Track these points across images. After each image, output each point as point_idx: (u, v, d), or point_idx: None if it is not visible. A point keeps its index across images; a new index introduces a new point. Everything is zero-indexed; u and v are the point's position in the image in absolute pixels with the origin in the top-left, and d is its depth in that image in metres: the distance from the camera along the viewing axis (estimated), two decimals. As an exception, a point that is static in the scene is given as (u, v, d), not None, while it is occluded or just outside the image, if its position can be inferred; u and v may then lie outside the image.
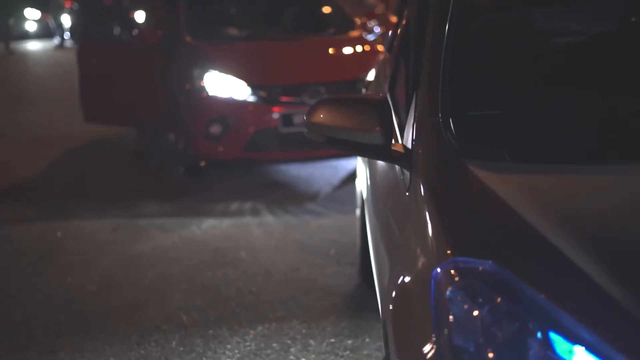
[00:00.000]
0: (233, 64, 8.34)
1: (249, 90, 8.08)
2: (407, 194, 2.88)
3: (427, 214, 2.56)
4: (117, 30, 10.22)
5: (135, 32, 9.65)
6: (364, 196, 4.84)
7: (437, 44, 3.21)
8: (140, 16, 10.20)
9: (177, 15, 9.18)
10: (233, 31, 9.26)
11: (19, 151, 10.25)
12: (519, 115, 3.05)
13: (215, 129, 8.10)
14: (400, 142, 3.22)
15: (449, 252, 2.31)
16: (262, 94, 8.09)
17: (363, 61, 8.62)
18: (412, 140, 2.99)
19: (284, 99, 8.10)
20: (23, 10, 26.33)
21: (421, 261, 2.48)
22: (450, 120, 2.88)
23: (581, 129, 2.91)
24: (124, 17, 10.43)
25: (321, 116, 3.16)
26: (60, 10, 26.42)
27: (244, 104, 8.09)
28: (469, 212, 2.46)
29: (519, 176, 2.62)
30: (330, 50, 8.94)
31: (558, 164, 2.70)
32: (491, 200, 2.47)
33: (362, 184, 5.08)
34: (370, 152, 3.09)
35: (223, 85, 8.14)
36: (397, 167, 3.17)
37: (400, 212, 2.95)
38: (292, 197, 7.75)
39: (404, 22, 4.68)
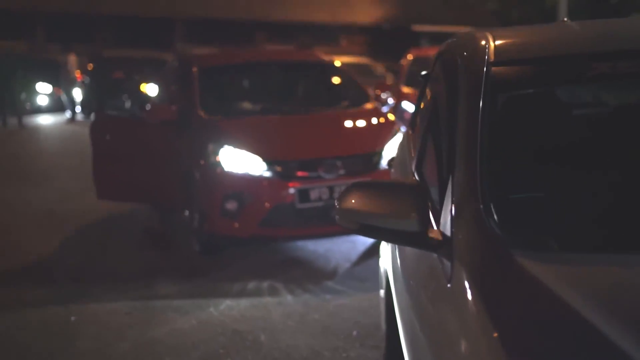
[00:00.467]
0: (248, 138, 8.24)
1: (264, 165, 7.96)
2: (448, 285, 2.71)
3: (475, 311, 2.40)
4: (129, 104, 10.17)
5: (148, 107, 9.57)
6: (391, 278, 4.65)
7: (471, 124, 3.07)
8: (152, 90, 10.15)
9: (191, 89, 9.12)
10: (247, 105, 9.19)
11: (31, 228, 10.11)
12: (563, 197, 2.90)
13: (231, 205, 7.97)
14: (436, 227, 3.06)
15: (501, 355, 2.14)
16: (278, 169, 7.98)
17: (380, 134, 8.52)
18: (451, 227, 2.84)
19: (300, 173, 7.98)
20: (35, 84, 26.47)
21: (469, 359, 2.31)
22: (492, 205, 2.73)
23: (634, 212, 2.75)
24: (136, 92, 10.39)
25: (353, 202, 3.01)
26: (71, 84, 26.56)
27: (259, 179, 7.97)
28: (520, 311, 2.29)
29: (570, 268, 2.45)
30: (346, 124, 8.84)
31: (612, 252, 2.53)
32: (543, 297, 2.30)
33: (387, 264, 4.90)
34: (406, 240, 2.94)
35: (238, 160, 8.03)
36: (434, 254, 3.01)
37: (442, 305, 2.78)
38: (310, 275, 7.57)
39: (428, 97, 4.56)
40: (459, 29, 13.57)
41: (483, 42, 3.45)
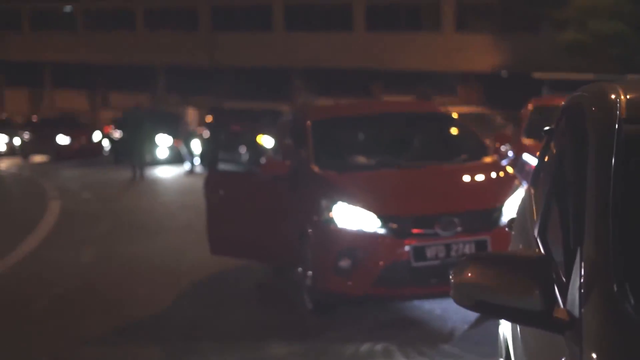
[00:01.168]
0: (362, 194, 8.02)
1: (378, 221, 7.72)
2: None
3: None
4: (246, 156, 10.11)
5: (262, 160, 9.47)
6: (510, 348, 4.32)
7: (602, 188, 2.76)
8: (269, 142, 10.05)
9: (304, 143, 8.96)
10: (361, 160, 8.97)
11: (145, 283, 10.09)
12: None
13: (344, 262, 7.74)
14: (562, 306, 2.74)
15: None
16: (393, 225, 7.72)
17: (499, 189, 8.18)
18: (580, 307, 2.52)
19: (416, 230, 7.70)
20: (155, 136, 26.95)
21: None
22: (627, 286, 2.41)
23: None
24: (253, 144, 10.34)
25: (469, 275, 2.73)
26: (190, 136, 26.93)
27: (373, 236, 7.72)
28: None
29: None
30: (463, 178, 8.54)
31: None
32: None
33: (507, 331, 4.56)
34: (528, 320, 2.65)
35: (352, 216, 7.80)
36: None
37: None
38: (426, 337, 7.24)
39: (553, 153, 4.24)
40: (582, 76, 13.09)
41: (613, 96, 3.13)
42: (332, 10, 40.13)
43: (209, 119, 27.18)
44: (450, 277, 2.82)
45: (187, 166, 26.47)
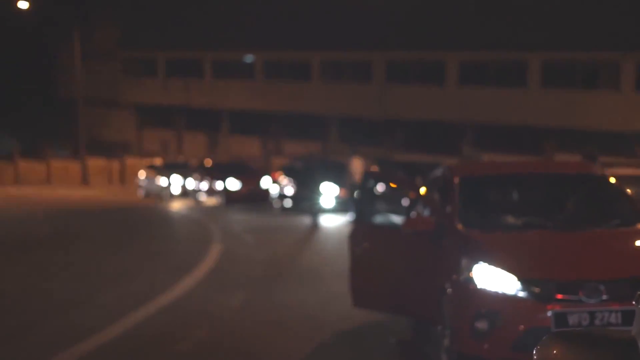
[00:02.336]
0: (505, 255, 7.79)
1: (519, 284, 7.47)
2: None
3: None
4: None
5: (410, 215, 9.37)
6: None
7: None
8: (416, 201, 9.94)
9: (450, 200, 8.82)
10: (507, 220, 8.73)
11: (285, 333, 10.13)
12: None
13: (481, 324, 7.52)
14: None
15: None
16: (535, 289, 7.45)
17: (652, 259, 7.77)
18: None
19: (559, 296, 7.40)
20: (321, 185, 27.25)
21: None
22: None
23: None
24: (398, 200, 10.26)
25: (554, 353, 2.57)
26: (355, 186, 27.06)
27: (514, 299, 7.47)
28: None
29: None
30: (614, 244, 8.16)
31: None
32: None
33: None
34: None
35: (492, 278, 7.59)
36: None
37: None
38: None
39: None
40: None
41: None
42: (507, 66, 39.69)
43: (373, 169, 27.26)
44: (534, 353, 2.67)
45: (349, 216, 26.59)
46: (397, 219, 9.61)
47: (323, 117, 45.16)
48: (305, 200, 28.42)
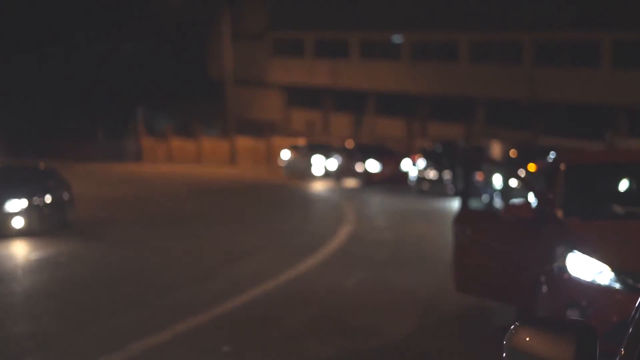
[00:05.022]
0: (600, 245, 7.71)
1: (613, 275, 7.39)
2: None
3: None
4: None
5: (511, 202, 9.37)
6: None
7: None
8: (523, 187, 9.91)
9: (553, 187, 8.75)
10: (611, 209, 8.60)
11: (391, 312, 10.30)
12: None
13: (572, 313, 7.48)
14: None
15: None
16: (629, 280, 7.35)
17: None
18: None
19: (654, 288, 7.28)
20: (456, 168, 27.16)
21: None
22: None
23: None
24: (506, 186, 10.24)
25: (525, 339, 2.69)
26: (492, 169, 26.80)
27: (607, 290, 7.40)
28: None
29: None
30: None
31: None
32: None
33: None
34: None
35: (586, 267, 7.53)
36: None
37: None
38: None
39: None
40: None
41: None
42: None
43: (513, 153, 26.96)
44: (504, 342, 2.78)
45: (485, 199, 26.38)
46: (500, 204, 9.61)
47: (469, 99, 44.75)
48: (442, 184, 28.39)
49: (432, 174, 29.29)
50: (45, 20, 56.72)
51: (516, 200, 9.51)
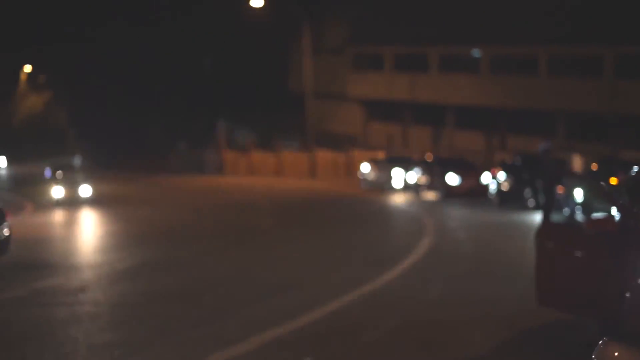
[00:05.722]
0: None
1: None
2: None
3: None
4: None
5: (593, 216, 9.29)
6: None
7: None
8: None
9: (638, 201, 8.65)
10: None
11: (475, 328, 10.28)
12: None
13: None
14: None
15: None
16: None
17: None
18: None
19: None
20: (537, 182, 26.89)
21: None
22: None
23: None
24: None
25: (615, 355, 2.72)
26: (574, 183, 26.52)
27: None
28: None
29: None
30: None
31: None
32: None
33: None
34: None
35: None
36: None
37: None
38: None
39: None
40: None
41: None
42: None
43: (594, 167, 26.59)
44: (593, 357, 2.82)
45: (565, 213, 26.09)
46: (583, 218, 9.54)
47: (549, 113, 44.27)
48: (522, 197, 28.12)
49: (511, 187, 29.07)
50: (131, 35, 57.90)
51: (598, 214, 9.41)
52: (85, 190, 32.34)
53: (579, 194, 26.06)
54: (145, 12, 57.85)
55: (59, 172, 33.25)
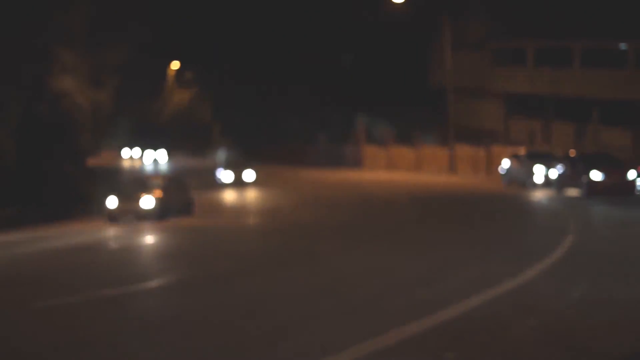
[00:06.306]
0: None
1: None
2: None
3: None
4: None
5: None
6: None
7: None
8: None
9: None
10: None
11: (618, 331, 10.10)
12: None
13: None
14: None
15: None
16: None
17: None
18: None
19: None
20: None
21: None
22: None
23: None
24: None
25: None
26: None
27: None
28: None
29: None
30: None
31: None
32: None
33: None
34: None
35: None
36: None
37: None
38: None
39: None
40: None
41: None
42: None
43: None
44: None
45: None
46: None
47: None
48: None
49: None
50: (274, 33, 58.82)
51: None
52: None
53: None
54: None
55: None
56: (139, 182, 29.46)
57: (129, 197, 26.88)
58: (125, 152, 72.11)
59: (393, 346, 9.38)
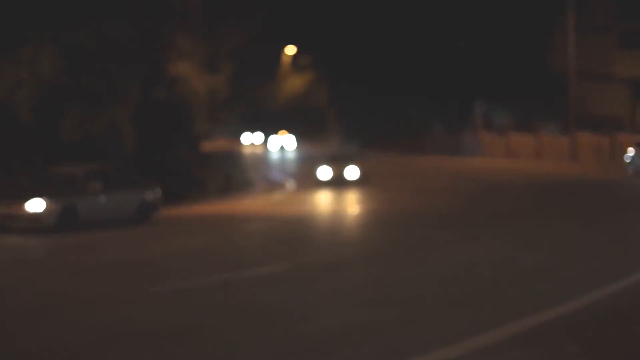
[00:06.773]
0: None
1: None
2: None
3: None
4: None
5: None
6: None
7: None
8: None
9: None
10: None
11: None
12: None
13: None
14: None
15: None
16: None
17: None
18: None
19: None
20: None
21: None
22: None
23: None
24: None
25: None
26: None
27: None
28: None
29: None
30: None
31: None
32: None
33: None
34: None
35: None
36: None
37: None
38: None
39: None
40: None
41: None
42: None
43: None
44: None
45: None
46: None
47: None
48: None
49: None
50: (391, 19, 58.31)
51: None
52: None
53: None
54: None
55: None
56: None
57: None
58: (246, 138, 72.39)
59: (510, 339, 8.84)
